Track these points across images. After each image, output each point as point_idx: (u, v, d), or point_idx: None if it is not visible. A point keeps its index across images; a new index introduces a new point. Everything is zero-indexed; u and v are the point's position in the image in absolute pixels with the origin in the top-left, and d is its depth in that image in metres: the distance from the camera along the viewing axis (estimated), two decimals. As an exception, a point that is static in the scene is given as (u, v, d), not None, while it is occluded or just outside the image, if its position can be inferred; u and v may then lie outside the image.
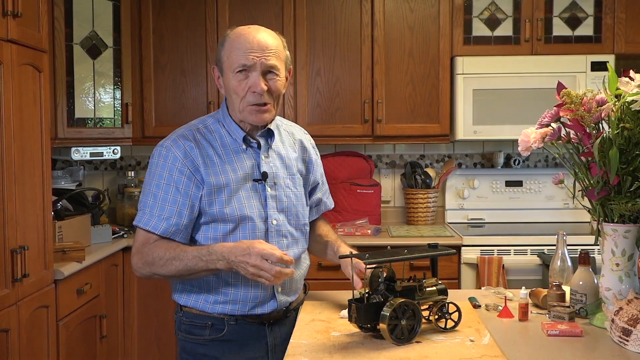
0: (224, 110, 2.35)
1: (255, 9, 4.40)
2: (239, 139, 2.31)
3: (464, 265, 4.07)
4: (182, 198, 2.22)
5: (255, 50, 2.21)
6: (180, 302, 2.34)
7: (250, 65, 2.20)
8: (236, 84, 2.23)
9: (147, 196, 2.25)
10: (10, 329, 2.84)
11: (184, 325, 2.33)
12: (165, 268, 2.18)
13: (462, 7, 4.37)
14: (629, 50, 4.32)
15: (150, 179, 2.26)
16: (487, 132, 4.36)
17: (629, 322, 1.95)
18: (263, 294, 2.30)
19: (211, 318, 2.29)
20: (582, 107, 2.08)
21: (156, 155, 2.27)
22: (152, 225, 2.22)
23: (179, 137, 2.28)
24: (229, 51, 2.23)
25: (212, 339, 2.29)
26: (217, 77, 2.33)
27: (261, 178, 2.31)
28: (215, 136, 2.31)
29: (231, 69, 2.22)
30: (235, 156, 2.30)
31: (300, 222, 2.43)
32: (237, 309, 2.28)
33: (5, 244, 2.84)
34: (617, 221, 2.10)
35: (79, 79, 4.09)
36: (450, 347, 2.01)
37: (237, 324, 2.29)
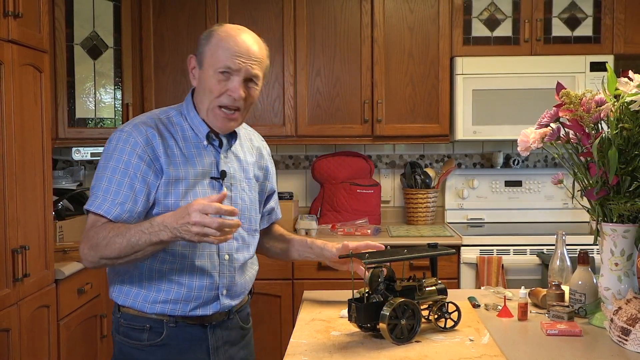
0: (189, 104, 2.26)
1: (255, 9, 4.40)
2: (201, 134, 2.23)
3: (463, 265, 4.08)
4: (139, 184, 2.11)
5: (242, 55, 2.15)
6: (118, 302, 2.22)
7: (235, 69, 2.14)
8: (214, 83, 2.15)
9: (102, 180, 2.11)
10: (11, 329, 2.84)
11: (122, 327, 2.22)
12: (109, 248, 2.02)
13: (461, 8, 4.38)
14: (628, 51, 4.33)
15: (106, 162, 2.13)
16: (486, 132, 4.37)
17: (628, 321, 1.96)
18: (206, 295, 2.21)
19: (150, 320, 2.18)
20: (581, 107, 2.09)
21: (114, 139, 2.16)
22: (105, 209, 2.08)
23: (141, 123, 2.18)
24: (216, 48, 2.16)
25: (150, 344, 2.18)
26: (193, 68, 2.24)
27: (219, 176, 2.23)
28: (177, 129, 2.22)
29: (214, 67, 2.15)
30: (196, 151, 2.21)
31: (252, 226, 2.36)
32: (178, 309, 2.18)
33: (6, 244, 2.84)
34: (616, 221, 2.11)
35: (79, 79, 4.09)
36: (450, 346, 2.01)
37: (177, 326, 2.19)
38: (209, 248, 2.20)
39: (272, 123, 4.43)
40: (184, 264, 2.17)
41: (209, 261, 2.20)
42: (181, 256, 2.17)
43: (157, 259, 2.15)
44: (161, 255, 2.15)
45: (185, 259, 2.17)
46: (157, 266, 2.16)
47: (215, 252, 2.21)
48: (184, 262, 2.17)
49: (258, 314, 4.10)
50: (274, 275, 4.10)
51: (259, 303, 4.10)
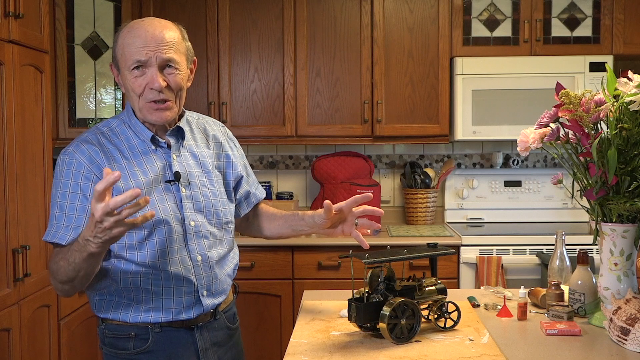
0: (129, 111, 2.18)
1: (255, 10, 4.41)
2: (146, 139, 2.15)
3: (463, 264, 4.08)
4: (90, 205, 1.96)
5: (149, 44, 2.03)
6: (100, 315, 2.17)
7: (145, 60, 2.03)
8: (132, 81, 2.05)
9: (54, 208, 2.06)
10: (11, 329, 2.85)
11: (107, 338, 2.17)
12: (59, 273, 1.98)
13: (461, 8, 4.39)
14: (627, 51, 4.33)
15: (55, 189, 2.08)
16: (486, 132, 4.37)
17: (627, 321, 1.96)
18: (187, 299, 2.15)
19: (134, 328, 2.13)
20: (581, 107, 2.09)
21: (59, 163, 2.09)
22: (59, 237, 2.02)
23: (82, 142, 2.11)
24: (122, 47, 2.05)
25: (138, 351, 2.14)
26: (117, 76, 2.13)
27: (174, 179, 2.15)
28: (121, 139, 2.14)
29: (126, 66, 2.05)
30: (144, 157, 2.13)
31: (221, 220, 2.27)
32: (161, 317, 2.13)
33: (7, 244, 2.85)
34: (616, 221, 2.11)
35: (80, 80, 4.09)
36: (450, 346, 2.02)
37: (163, 331, 2.14)
38: (179, 253, 2.13)
39: (272, 123, 4.43)
40: (157, 274, 2.11)
41: (182, 266, 2.14)
42: (152, 267, 2.10)
43: (129, 272, 2.09)
44: (133, 269, 2.09)
45: (156, 269, 2.10)
46: (131, 278, 2.10)
47: (186, 255, 2.15)
48: (157, 272, 2.11)
49: (258, 313, 4.10)
50: (274, 275, 4.11)
51: (259, 303, 4.11)
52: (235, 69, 4.45)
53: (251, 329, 4.10)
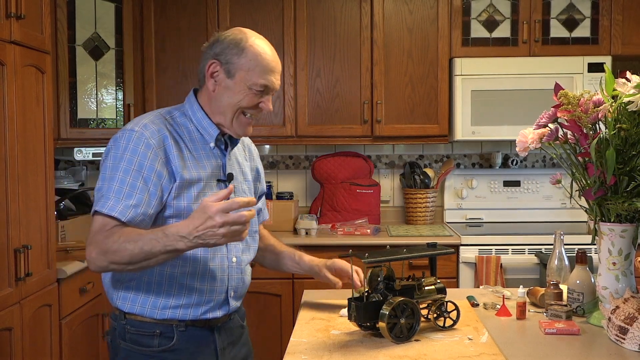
0: (194, 106, 2.22)
1: (256, 11, 4.42)
2: (209, 136, 2.20)
3: (462, 264, 4.09)
4: (153, 187, 2.04)
5: (275, 73, 2.16)
6: (124, 310, 2.14)
7: (271, 88, 2.16)
8: (248, 97, 2.14)
9: (113, 181, 2.02)
10: (13, 328, 2.85)
11: (129, 334, 2.15)
12: (119, 254, 1.94)
13: (460, 9, 4.40)
14: (626, 52, 4.34)
15: (117, 163, 2.04)
16: (485, 132, 4.38)
17: (626, 320, 1.96)
18: (217, 299, 2.20)
19: (159, 325, 2.13)
20: (579, 108, 2.09)
21: (125, 138, 2.07)
22: (119, 212, 1.99)
23: (151, 123, 2.11)
24: (254, 64, 2.12)
25: (162, 349, 2.14)
26: (215, 73, 2.16)
27: (226, 179, 2.21)
28: (183, 130, 2.18)
29: (251, 82, 2.12)
30: (204, 153, 2.18)
31: (252, 228, 2.31)
32: (189, 314, 2.15)
33: (9, 244, 2.86)
34: (614, 221, 2.12)
35: (81, 80, 4.10)
36: (449, 345, 2.02)
37: (187, 330, 2.15)
38: (221, 251, 2.18)
39: (272, 123, 4.44)
40: (196, 268, 2.13)
41: (220, 264, 2.18)
42: (194, 260, 2.12)
43: (167, 264, 2.08)
44: (176, 261, 2.09)
45: (197, 263, 2.13)
46: (168, 271, 2.11)
47: (225, 255, 2.20)
48: (196, 266, 2.13)
49: (258, 313, 4.11)
50: (274, 274, 4.09)
51: (259, 302, 4.12)
52: (235, 70, 4.45)
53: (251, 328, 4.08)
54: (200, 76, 2.21)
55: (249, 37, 2.16)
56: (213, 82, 2.17)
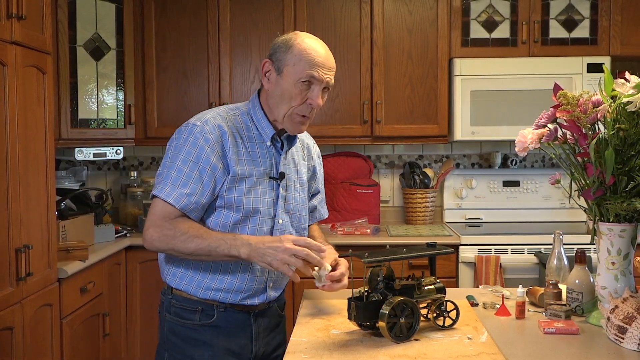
0: (255, 105, 2.36)
1: (256, 11, 4.43)
2: (266, 135, 2.34)
3: (461, 264, 4.10)
4: (207, 178, 2.22)
5: (325, 67, 2.26)
6: (172, 285, 2.34)
7: (318, 79, 2.24)
8: (296, 92, 2.24)
9: (171, 169, 2.22)
10: (14, 327, 2.86)
11: (174, 308, 2.34)
12: (185, 244, 2.15)
13: (459, 10, 4.40)
14: (625, 52, 4.35)
15: (177, 153, 2.23)
16: (484, 132, 4.39)
17: (625, 320, 1.97)
18: (256, 287, 2.34)
19: (201, 303, 2.31)
20: (579, 108, 2.09)
21: (186, 131, 2.26)
22: (174, 199, 2.19)
23: (212, 119, 2.27)
24: (299, 58, 2.23)
25: (202, 324, 2.31)
26: (267, 72, 2.30)
27: (278, 177, 2.35)
28: (242, 127, 2.33)
29: (297, 76, 2.23)
30: (259, 151, 2.33)
31: (301, 225, 2.47)
32: (229, 298, 2.31)
33: (10, 243, 2.86)
34: (613, 220, 2.12)
35: (82, 81, 4.11)
36: (448, 344, 2.03)
37: (226, 311, 2.32)
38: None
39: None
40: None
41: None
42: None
43: None
44: None
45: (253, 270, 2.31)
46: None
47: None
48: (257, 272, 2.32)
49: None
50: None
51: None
52: (236, 70, 4.47)
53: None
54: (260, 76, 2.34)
55: (298, 37, 2.28)
56: (267, 81, 2.31)
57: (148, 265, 4.17)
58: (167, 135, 4.51)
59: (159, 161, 4.93)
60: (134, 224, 4.59)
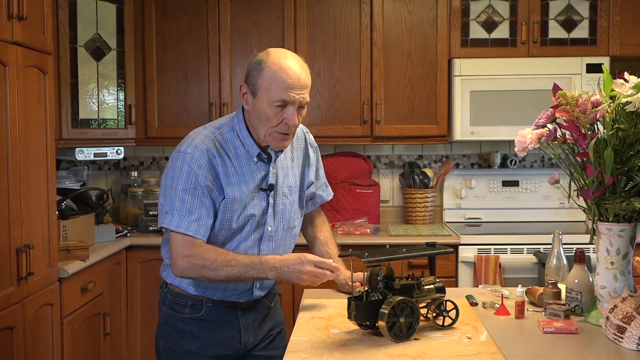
0: (240, 122, 2.43)
1: (256, 11, 4.43)
2: (252, 152, 2.41)
3: (461, 263, 4.11)
4: (208, 201, 2.33)
5: (296, 87, 2.28)
6: (167, 280, 2.51)
7: (290, 101, 2.29)
8: (272, 114, 2.30)
9: (174, 200, 2.31)
10: (15, 327, 2.87)
11: (168, 301, 2.51)
12: (216, 272, 2.28)
13: (459, 10, 4.41)
14: (624, 53, 4.36)
15: (175, 183, 2.32)
16: (484, 133, 4.40)
17: (624, 319, 1.98)
18: (242, 287, 2.47)
19: (191, 298, 2.46)
20: (578, 108, 2.09)
21: (180, 160, 2.34)
22: (185, 227, 2.30)
23: (201, 143, 2.35)
24: (270, 82, 2.28)
25: (191, 317, 2.47)
26: (244, 94, 2.37)
27: (268, 189, 2.45)
28: (229, 146, 2.40)
29: (269, 100, 2.29)
30: (247, 168, 2.41)
31: (290, 225, 2.56)
32: (216, 295, 2.46)
33: (11, 243, 2.87)
34: (612, 220, 2.12)
35: (83, 81, 4.12)
36: (448, 344, 2.04)
37: (214, 306, 2.47)
38: (251, 250, 2.45)
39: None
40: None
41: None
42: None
43: None
44: None
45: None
46: None
47: (256, 254, 2.45)
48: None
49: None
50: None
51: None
52: (236, 70, 4.48)
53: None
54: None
55: (270, 58, 2.32)
56: (245, 102, 2.38)
57: (148, 264, 4.18)
58: (167, 136, 4.57)
59: (159, 161, 4.94)
60: (134, 224, 4.59)
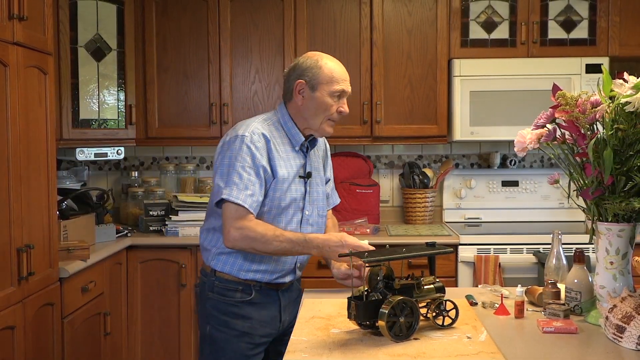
0: (285, 115, 2.76)
1: (256, 12, 4.44)
2: (296, 142, 2.74)
3: (461, 263, 4.11)
4: (261, 181, 2.61)
5: (346, 80, 2.78)
6: (216, 268, 2.71)
7: (346, 91, 2.77)
8: (332, 103, 2.71)
9: (232, 175, 2.57)
10: (16, 326, 2.87)
11: (217, 287, 2.72)
12: (265, 245, 2.55)
13: (459, 11, 4.41)
14: (623, 53, 4.36)
15: (234, 160, 2.59)
16: (483, 133, 4.40)
17: (623, 319, 1.98)
18: (288, 269, 2.74)
19: (241, 283, 2.69)
20: (577, 108, 2.10)
21: (238, 141, 2.62)
22: (242, 200, 2.54)
23: (257, 128, 2.67)
24: (330, 76, 2.71)
25: (242, 300, 2.69)
26: (301, 90, 2.71)
27: (306, 176, 2.76)
28: (276, 135, 2.72)
29: (331, 91, 2.71)
30: (292, 155, 2.73)
31: (321, 213, 2.86)
32: (265, 278, 2.70)
33: (11, 243, 2.87)
34: (611, 220, 2.13)
35: (83, 81, 4.13)
36: (448, 343, 2.04)
37: (261, 289, 2.71)
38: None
39: (272, 124, 4.46)
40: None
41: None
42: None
43: None
44: None
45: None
46: None
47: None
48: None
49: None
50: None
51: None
52: (236, 70, 4.48)
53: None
54: (288, 94, 2.76)
55: (322, 58, 2.77)
56: (301, 98, 2.72)
57: (149, 264, 4.19)
58: (167, 136, 4.57)
59: (159, 161, 4.94)
60: (134, 224, 4.60)
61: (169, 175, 4.80)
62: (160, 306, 4.23)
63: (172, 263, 4.19)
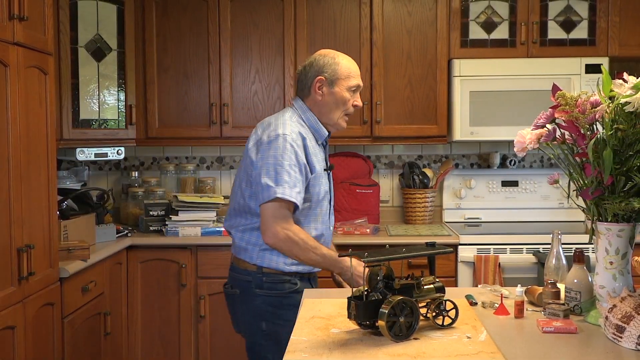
0: (306, 111, 2.92)
1: (256, 12, 4.44)
2: (319, 136, 2.93)
3: (461, 263, 4.11)
4: (303, 178, 2.77)
5: (359, 76, 2.95)
6: (262, 265, 2.85)
7: (360, 86, 2.94)
8: (348, 97, 2.90)
9: (282, 174, 2.71)
10: (16, 326, 2.87)
11: (266, 284, 2.85)
12: (303, 252, 2.75)
13: (459, 11, 4.42)
14: (623, 53, 4.37)
15: (281, 160, 2.72)
16: (483, 133, 4.40)
17: (623, 319, 1.97)
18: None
19: (286, 275, 2.85)
20: (577, 108, 2.09)
21: (281, 140, 2.75)
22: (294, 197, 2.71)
23: (294, 127, 2.82)
24: (347, 72, 2.89)
25: (290, 291, 2.85)
26: (320, 86, 2.88)
27: (328, 169, 2.96)
28: (304, 131, 2.86)
29: (348, 85, 2.89)
30: (318, 150, 2.91)
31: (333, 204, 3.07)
32: (305, 269, 2.88)
33: (12, 243, 2.87)
34: (611, 220, 2.12)
35: (83, 81, 4.13)
36: (448, 343, 2.03)
37: (301, 278, 2.89)
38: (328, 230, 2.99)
39: (272, 124, 4.46)
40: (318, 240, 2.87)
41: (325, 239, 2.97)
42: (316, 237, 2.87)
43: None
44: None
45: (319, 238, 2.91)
46: None
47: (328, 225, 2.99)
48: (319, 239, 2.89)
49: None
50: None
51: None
52: (236, 71, 4.48)
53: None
54: (305, 90, 2.92)
55: (337, 55, 2.93)
56: (320, 93, 2.89)
57: (149, 264, 4.19)
58: (167, 136, 4.58)
59: (160, 161, 4.95)
60: (135, 224, 4.60)
61: (169, 175, 4.81)
62: (161, 306, 4.23)
63: (172, 263, 4.20)
